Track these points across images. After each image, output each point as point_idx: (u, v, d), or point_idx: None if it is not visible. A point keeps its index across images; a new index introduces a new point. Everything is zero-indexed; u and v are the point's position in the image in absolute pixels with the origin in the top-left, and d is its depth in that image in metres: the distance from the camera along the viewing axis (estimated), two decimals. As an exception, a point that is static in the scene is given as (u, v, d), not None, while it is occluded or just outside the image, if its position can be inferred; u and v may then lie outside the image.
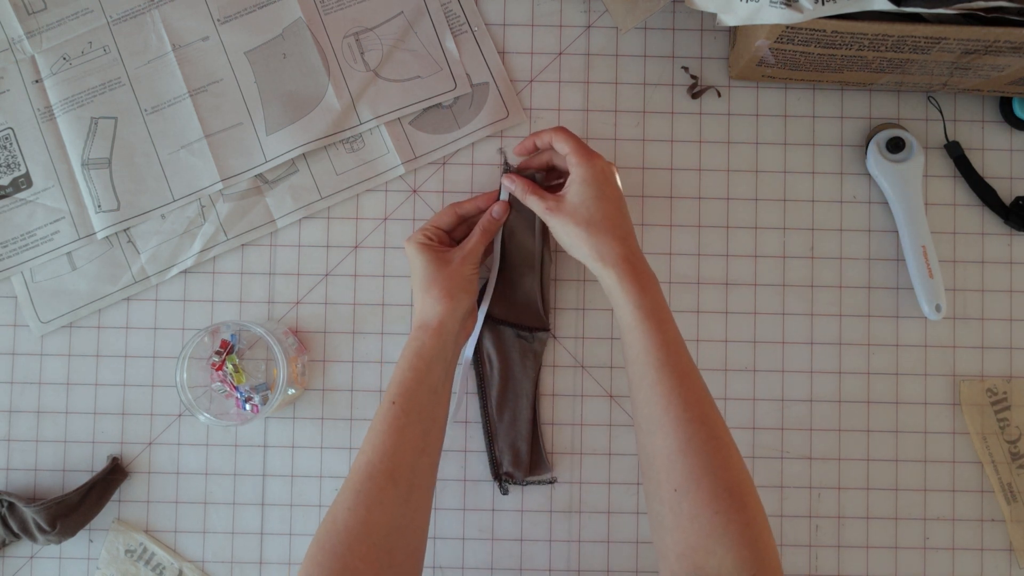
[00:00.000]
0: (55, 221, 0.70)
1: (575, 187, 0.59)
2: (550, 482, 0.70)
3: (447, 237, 0.65)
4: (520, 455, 0.68)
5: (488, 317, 0.67)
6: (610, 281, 0.56)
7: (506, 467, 0.68)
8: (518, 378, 0.68)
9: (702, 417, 0.52)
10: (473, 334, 0.67)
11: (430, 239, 0.64)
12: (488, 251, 0.66)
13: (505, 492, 0.69)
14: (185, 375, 0.65)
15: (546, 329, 0.69)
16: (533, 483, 0.70)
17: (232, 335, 0.69)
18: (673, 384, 0.52)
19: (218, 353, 0.68)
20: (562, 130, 0.61)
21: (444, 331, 0.61)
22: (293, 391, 0.67)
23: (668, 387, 0.52)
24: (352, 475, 0.56)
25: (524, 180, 0.63)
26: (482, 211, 0.65)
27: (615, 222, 0.58)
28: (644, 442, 0.54)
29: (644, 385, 0.54)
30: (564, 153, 0.61)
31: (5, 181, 0.70)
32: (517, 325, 0.68)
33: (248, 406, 0.68)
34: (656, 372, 0.53)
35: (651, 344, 0.54)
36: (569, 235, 0.59)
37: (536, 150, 0.65)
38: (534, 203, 0.62)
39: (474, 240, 0.64)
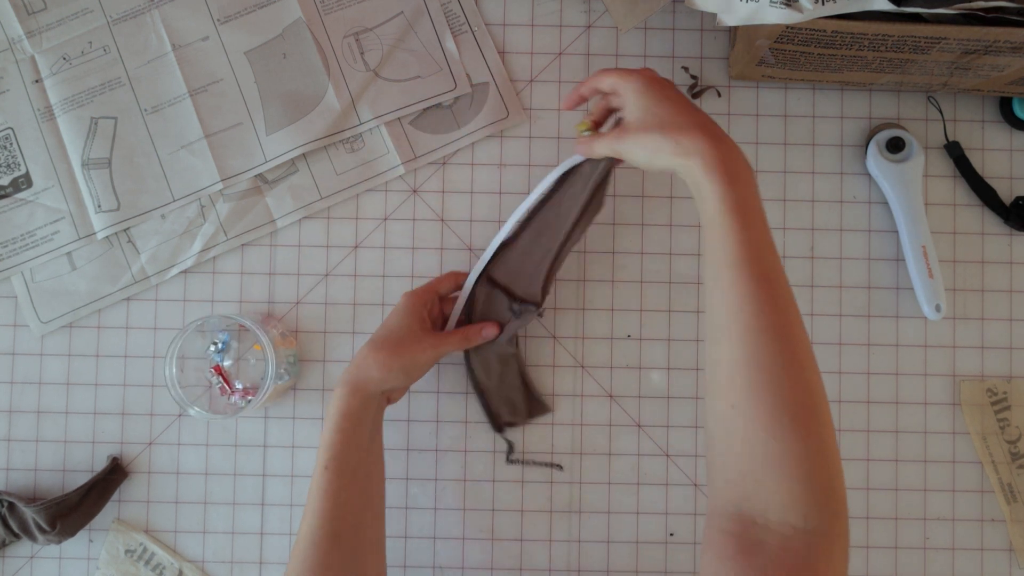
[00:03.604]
0: (55, 221, 0.70)
1: (631, 102, 0.54)
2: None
3: (438, 306, 0.65)
4: (516, 404, 0.68)
5: (488, 278, 0.66)
6: (695, 173, 0.50)
7: (505, 417, 0.68)
8: (503, 345, 0.67)
9: (777, 328, 0.46)
10: (461, 298, 0.66)
11: (426, 305, 0.63)
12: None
13: (510, 452, 0.69)
14: (175, 371, 0.65)
15: (536, 305, 0.66)
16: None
17: (226, 335, 0.69)
18: (749, 287, 0.46)
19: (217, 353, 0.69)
20: (601, 70, 0.58)
21: (366, 394, 0.59)
22: (286, 379, 0.67)
23: (743, 291, 0.46)
24: (298, 543, 0.56)
25: (581, 138, 0.60)
26: None
27: (689, 115, 0.52)
28: (709, 351, 0.48)
29: (717, 288, 0.48)
30: (610, 87, 0.57)
31: (5, 181, 0.70)
32: (511, 294, 0.66)
33: (236, 397, 0.68)
34: (731, 272, 0.47)
35: (731, 241, 0.47)
36: (645, 147, 0.53)
37: (583, 100, 0.61)
38: (602, 146, 0.57)
39: (453, 340, 0.63)
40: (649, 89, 0.54)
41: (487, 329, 0.64)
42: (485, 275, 0.66)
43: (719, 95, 0.72)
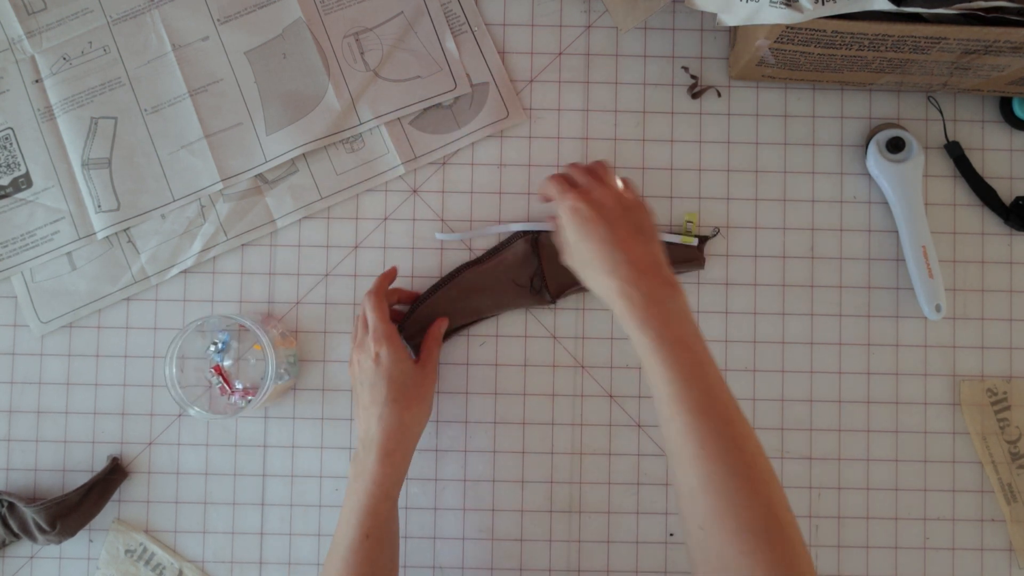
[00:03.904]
0: (55, 221, 0.70)
1: (563, 227, 0.57)
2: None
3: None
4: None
5: (534, 239, 0.68)
6: (616, 314, 0.54)
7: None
8: (480, 310, 0.68)
9: (720, 453, 0.48)
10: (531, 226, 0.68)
11: (398, 336, 0.63)
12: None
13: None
14: (175, 371, 0.65)
15: (553, 297, 0.68)
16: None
17: (226, 335, 0.69)
18: (687, 420, 0.49)
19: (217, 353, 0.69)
20: (547, 178, 0.60)
21: (412, 451, 0.60)
22: (286, 379, 0.67)
23: (682, 423, 0.49)
24: None
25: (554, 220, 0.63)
26: (397, 292, 0.67)
27: (601, 260, 0.55)
28: (671, 472, 0.51)
29: (662, 419, 0.51)
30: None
31: (5, 181, 0.70)
32: (542, 267, 0.68)
33: (236, 397, 0.68)
34: (668, 407, 0.50)
35: (660, 379, 0.51)
36: (581, 278, 0.58)
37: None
38: (557, 239, 0.61)
39: (434, 351, 0.64)
40: (570, 224, 0.56)
41: (439, 325, 0.66)
42: (538, 233, 0.68)
43: (719, 95, 0.72)
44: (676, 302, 0.53)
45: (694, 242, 0.69)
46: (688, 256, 0.69)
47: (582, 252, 0.56)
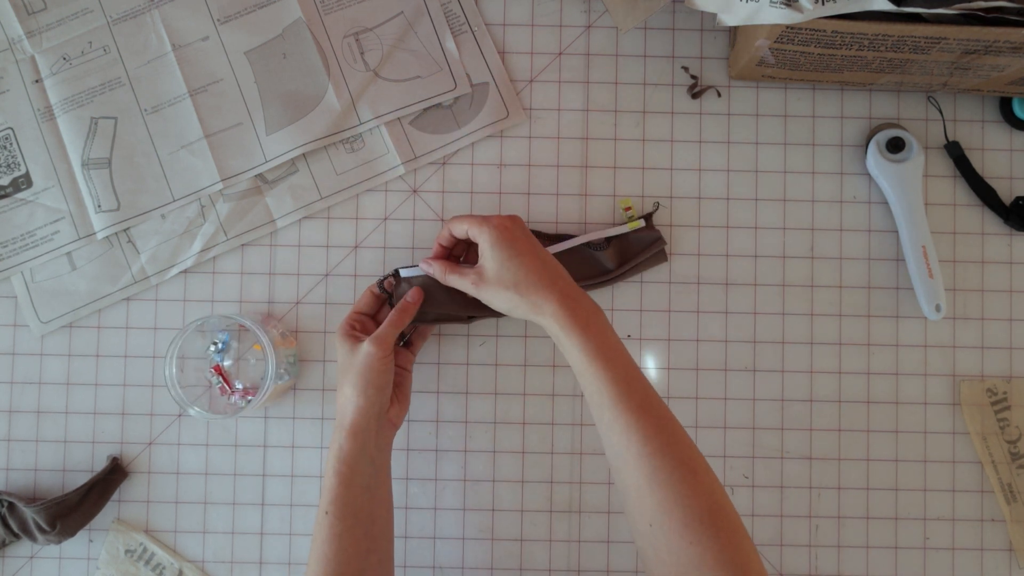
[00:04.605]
0: (55, 221, 0.70)
1: (486, 253, 0.59)
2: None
3: (372, 322, 0.64)
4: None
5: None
6: (553, 330, 0.57)
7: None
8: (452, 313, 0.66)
9: (663, 448, 0.51)
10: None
11: (353, 327, 0.63)
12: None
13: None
14: (175, 371, 0.65)
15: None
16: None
17: (226, 335, 0.69)
18: (630, 419, 0.52)
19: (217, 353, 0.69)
20: (454, 217, 0.62)
21: (358, 432, 0.59)
22: (286, 379, 0.68)
23: (625, 423, 0.52)
24: None
25: (441, 262, 0.62)
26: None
27: (538, 274, 0.58)
28: (615, 478, 0.54)
29: (603, 423, 0.54)
30: (464, 233, 0.61)
31: (5, 181, 0.70)
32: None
33: (236, 397, 0.68)
34: (611, 411, 0.53)
35: (602, 382, 0.53)
36: (503, 300, 0.59)
37: (447, 251, 0.64)
38: (457, 282, 0.61)
39: (385, 324, 0.62)
40: (500, 243, 0.58)
41: (411, 294, 0.64)
42: None
43: (719, 95, 0.72)
44: (602, 312, 0.58)
45: (641, 223, 0.69)
46: (646, 241, 0.68)
47: (514, 269, 0.58)
